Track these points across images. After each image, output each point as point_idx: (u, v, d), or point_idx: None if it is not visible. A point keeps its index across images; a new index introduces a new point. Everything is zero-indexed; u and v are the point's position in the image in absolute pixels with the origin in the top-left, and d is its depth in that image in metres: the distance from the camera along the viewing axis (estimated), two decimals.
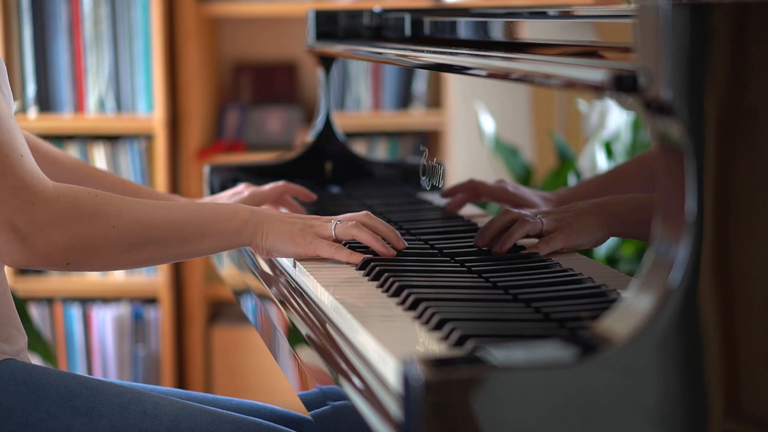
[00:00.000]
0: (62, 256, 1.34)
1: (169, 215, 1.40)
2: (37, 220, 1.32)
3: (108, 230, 1.35)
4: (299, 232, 1.46)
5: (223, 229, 1.43)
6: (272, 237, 1.45)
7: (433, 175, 1.69)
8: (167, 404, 1.42)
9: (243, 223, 1.44)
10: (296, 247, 1.46)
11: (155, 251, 1.40)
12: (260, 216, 1.45)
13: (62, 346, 3.40)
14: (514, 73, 1.37)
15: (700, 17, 0.97)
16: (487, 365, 0.95)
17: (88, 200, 1.36)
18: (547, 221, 1.44)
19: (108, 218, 1.36)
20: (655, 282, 0.98)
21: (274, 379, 3.41)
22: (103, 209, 1.36)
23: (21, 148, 1.34)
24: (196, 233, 1.42)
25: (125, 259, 1.38)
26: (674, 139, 0.99)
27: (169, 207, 1.42)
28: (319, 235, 1.47)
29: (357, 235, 1.47)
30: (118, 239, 1.36)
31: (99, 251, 1.36)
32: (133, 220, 1.37)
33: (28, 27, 3.35)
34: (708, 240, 0.98)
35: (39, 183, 1.33)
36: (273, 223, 1.46)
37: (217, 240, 1.44)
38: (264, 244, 1.45)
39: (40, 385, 1.39)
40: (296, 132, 3.50)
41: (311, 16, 2.13)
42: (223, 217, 1.44)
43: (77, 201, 1.35)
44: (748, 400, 1.01)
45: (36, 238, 1.32)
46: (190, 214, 1.42)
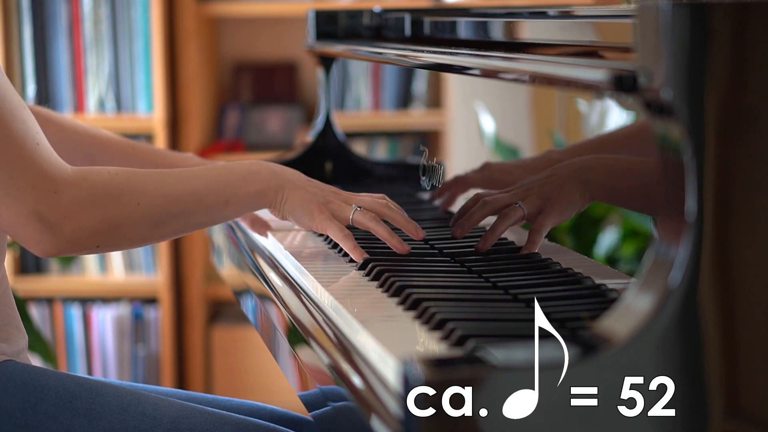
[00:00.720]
0: (91, 239, 1.34)
1: (191, 186, 1.40)
2: (62, 208, 1.31)
3: (133, 208, 1.35)
4: (317, 206, 1.46)
5: (245, 193, 1.43)
6: (290, 202, 1.45)
7: (433, 175, 1.69)
8: (166, 405, 1.42)
9: (265, 185, 1.44)
10: (310, 220, 1.46)
11: (181, 223, 1.40)
12: (281, 178, 1.46)
13: (62, 346, 3.40)
14: (514, 73, 1.37)
15: (700, 17, 0.97)
16: (487, 365, 0.95)
17: (109, 180, 1.35)
18: (527, 205, 1.43)
19: (131, 196, 1.35)
20: (655, 282, 0.98)
21: (274, 379, 3.41)
22: (126, 187, 1.36)
23: (36, 136, 1.33)
24: (219, 200, 1.42)
25: (153, 234, 1.39)
26: (674, 139, 0.99)
27: (189, 176, 1.42)
28: (336, 216, 1.47)
29: (374, 229, 1.47)
30: (143, 216, 1.36)
31: (126, 230, 1.36)
32: (157, 195, 1.37)
33: (28, 27, 3.35)
34: (708, 240, 0.98)
35: (58, 170, 1.33)
36: (294, 188, 1.46)
37: (241, 204, 1.44)
38: (282, 207, 1.45)
39: (39, 387, 1.38)
40: (296, 132, 3.50)
41: (311, 16, 2.13)
42: (245, 180, 1.43)
43: (99, 183, 1.34)
44: (748, 400, 1.01)
45: (64, 226, 1.32)
46: (211, 181, 1.42)
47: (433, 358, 0.95)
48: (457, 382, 0.93)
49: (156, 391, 1.55)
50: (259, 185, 1.44)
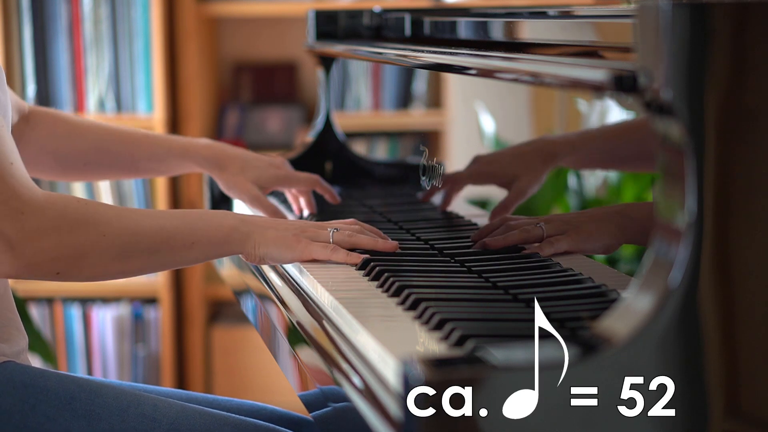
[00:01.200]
0: (51, 265, 1.33)
1: (157, 223, 1.39)
2: (27, 229, 1.31)
3: (97, 238, 1.34)
4: (293, 237, 1.44)
5: (210, 238, 1.41)
6: (264, 245, 1.42)
7: (433, 175, 1.69)
8: (166, 407, 1.42)
9: (231, 231, 1.42)
10: (291, 252, 1.44)
11: (144, 260, 1.38)
12: (249, 224, 1.43)
13: (62, 346, 3.40)
14: (514, 73, 1.37)
15: (700, 17, 0.97)
16: (487, 365, 0.95)
17: (78, 208, 1.35)
18: (548, 227, 1.42)
19: (97, 226, 1.35)
20: (655, 282, 0.98)
21: (274, 379, 3.41)
22: (92, 217, 1.35)
23: (10, 155, 1.33)
24: (185, 242, 1.40)
25: (114, 268, 1.37)
26: (674, 139, 0.99)
27: (158, 215, 1.42)
28: (315, 239, 1.45)
29: (357, 244, 1.46)
30: (107, 247, 1.35)
31: (88, 260, 1.35)
32: (122, 228, 1.36)
33: (28, 27, 3.35)
34: (708, 240, 0.98)
35: (28, 191, 1.32)
36: (265, 231, 1.43)
37: (206, 248, 1.41)
38: (257, 252, 1.43)
39: (38, 389, 1.38)
40: (296, 132, 3.50)
41: (311, 16, 2.13)
42: (211, 224, 1.41)
43: (67, 209, 1.34)
44: (748, 400, 1.01)
45: (25, 247, 1.31)
46: (177, 222, 1.40)
47: (433, 358, 0.95)
48: (457, 382, 0.93)
49: (156, 392, 1.55)
50: (226, 230, 1.41)
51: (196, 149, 1.79)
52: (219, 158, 1.78)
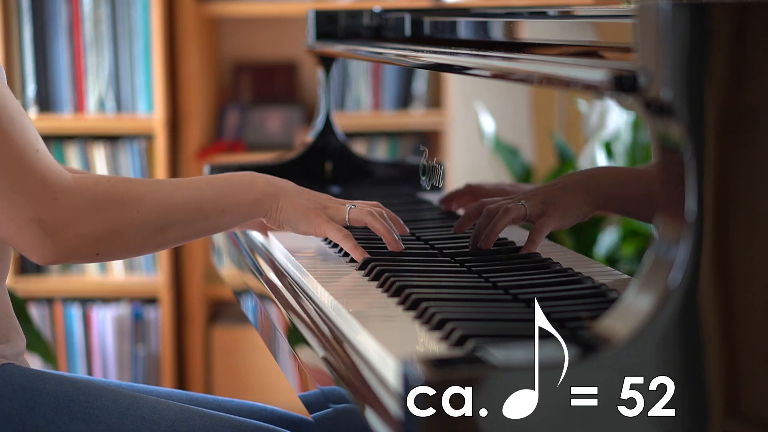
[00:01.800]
0: (92, 246, 1.35)
1: (189, 194, 1.42)
2: (63, 214, 1.32)
3: (133, 215, 1.36)
4: (313, 210, 1.47)
5: (241, 202, 1.44)
6: (286, 210, 1.46)
7: (433, 175, 1.69)
8: (165, 408, 1.41)
9: (261, 194, 1.45)
10: (308, 225, 1.47)
11: (179, 231, 1.41)
12: (276, 187, 1.47)
13: (62, 346, 3.40)
14: (514, 73, 1.37)
15: (700, 17, 0.97)
16: (487, 365, 0.95)
17: (110, 188, 1.36)
18: (530, 204, 1.43)
19: (131, 203, 1.36)
20: (655, 282, 0.98)
21: (274, 379, 3.41)
22: (126, 195, 1.37)
23: (36, 143, 1.33)
24: (216, 209, 1.43)
25: (152, 241, 1.39)
26: (674, 139, 0.99)
27: (187, 185, 1.43)
28: (333, 218, 1.48)
29: (371, 223, 1.48)
30: (143, 224, 1.37)
31: (126, 237, 1.37)
32: (156, 202, 1.38)
33: (28, 27, 3.35)
34: (708, 240, 0.98)
35: (58, 177, 1.33)
36: (289, 196, 1.47)
37: (237, 213, 1.45)
38: (278, 216, 1.46)
39: (37, 391, 1.38)
40: (296, 132, 3.50)
41: (311, 16, 2.13)
42: (240, 189, 1.45)
43: (99, 190, 1.35)
44: (748, 400, 1.01)
45: (65, 233, 1.32)
46: (207, 190, 1.43)
47: (433, 358, 0.95)
48: (457, 382, 0.93)
49: (155, 393, 1.55)
50: (255, 194, 1.45)
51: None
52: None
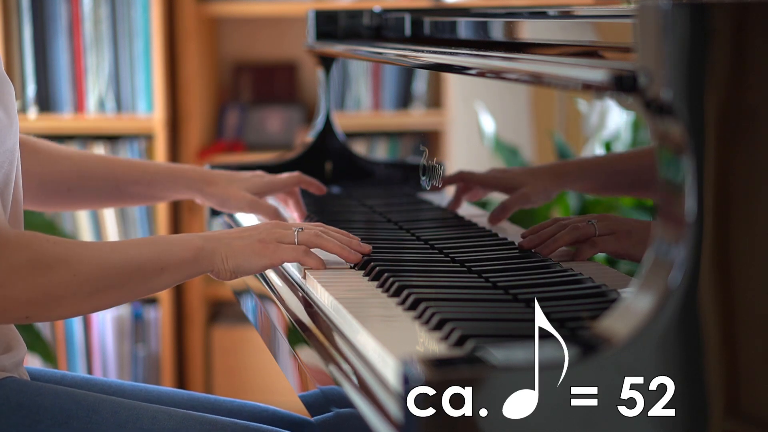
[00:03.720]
0: (23, 309, 1.29)
1: (126, 255, 1.36)
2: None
3: (69, 278, 1.30)
4: (259, 243, 1.41)
5: (179, 260, 1.38)
6: (233, 257, 1.40)
7: (433, 175, 1.69)
8: (165, 418, 1.40)
9: (198, 251, 1.38)
10: (262, 259, 1.41)
11: (116, 294, 1.35)
12: (214, 240, 1.40)
13: (62, 346, 3.40)
14: (514, 73, 1.37)
15: (700, 17, 0.97)
16: (487, 365, 0.95)
17: (48, 249, 1.30)
18: (600, 226, 1.38)
19: (69, 266, 1.30)
20: (655, 282, 0.98)
21: (274, 379, 3.41)
22: (64, 257, 1.30)
23: None
24: (155, 268, 1.36)
25: (86, 305, 1.34)
26: (674, 139, 0.99)
27: (125, 246, 1.38)
28: (282, 242, 1.43)
29: (321, 244, 1.44)
30: (79, 286, 1.31)
31: (60, 301, 1.30)
32: (93, 265, 1.32)
33: (28, 27, 3.35)
34: (708, 240, 0.98)
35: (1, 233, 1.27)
36: (230, 242, 1.41)
37: (175, 272, 1.38)
38: (226, 267, 1.40)
39: (35, 408, 1.36)
40: (296, 132, 3.50)
41: (311, 16, 2.13)
42: (177, 248, 1.38)
43: (38, 251, 1.29)
44: (748, 400, 1.01)
45: None
46: (145, 250, 1.37)
47: (433, 358, 0.95)
48: (457, 382, 0.93)
49: (158, 393, 1.55)
50: (193, 251, 1.38)
51: (182, 171, 1.81)
52: (206, 176, 1.81)
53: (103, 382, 1.57)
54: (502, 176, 1.62)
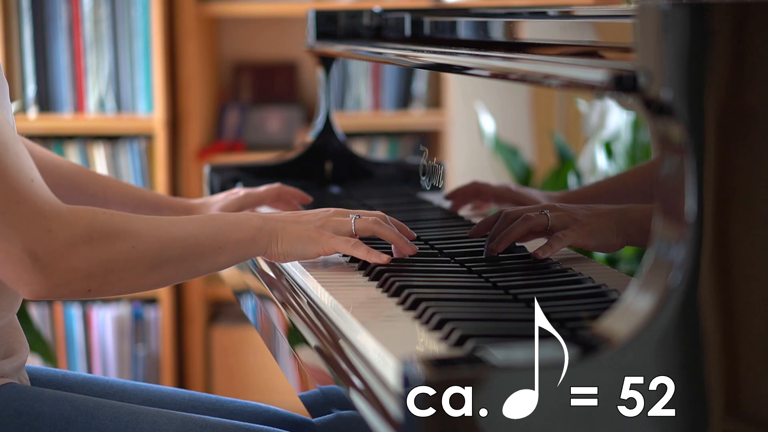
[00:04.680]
0: (84, 282, 1.28)
1: (185, 230, 1.36)
2: (57, 247, 1.25)
3: (128, 251, 1.30)
4: (315, 230, 1.42)
5: (239, 239, 1.39)
6: (287, 242, 1.41)
7: (433, 175, 1.69)
8: (165, 422, 1.40)
9: (256, 231, 1.40)
10: (315, 246, 1.42)
11: (175, 269, 1.35)
12: (272, 222, 1.41)
13: (62, 346, 3.40)
14: (514, 73, 1.37)
15: (700, 17, 0.97)
16: (487, 365, 0.95)
17: (105, 221, 1.30)
18: (554, 216, 1.39)
19: (127, 238, 1.30)
20: (655, 282, 0.98)
21: (274, 379, 3.41)
22: (122, 229, 1.30)
23: (31, 172, 1.27)
24: (213, 246, 1.37)
25: (146, 280, 1.33)
26: (674, 139, 0.99)
27: (183, 222, 1.38)
28: (337, 231, 1.43)
29: (379, 232, 1.44)
30: (138, 260, 1.31)
31: (120, 274, 1.30)
32: (152, 238, 1.32)
33: (28, 27, 3.35)
34: (708, 240, 0.98)
35: (53, 208, 1.27)
36: (286, 226, 1.42)
37: (233, 251, 1.39)
38: (279, 250, 1.41)
39: (34, 415, 1.36)
40: (296, 132, 3.50)
41: (311, 16, 2.13)
42: (236, 227, 1.39)
43: (95, 223, 1.28)
44: (748, 400, 1.01)
45: (57, 266, 1.25)
46: (204, 227, 1.38)
47: (433, 358, 0.95)
48: (457, 382, 0.93)
49: (160, 393, 1.55)
50: (252, 231, 1.39)
51: (167, 201, 1.82)
52: (185, 206, 1.82)
53: (104, 382, 1.57)
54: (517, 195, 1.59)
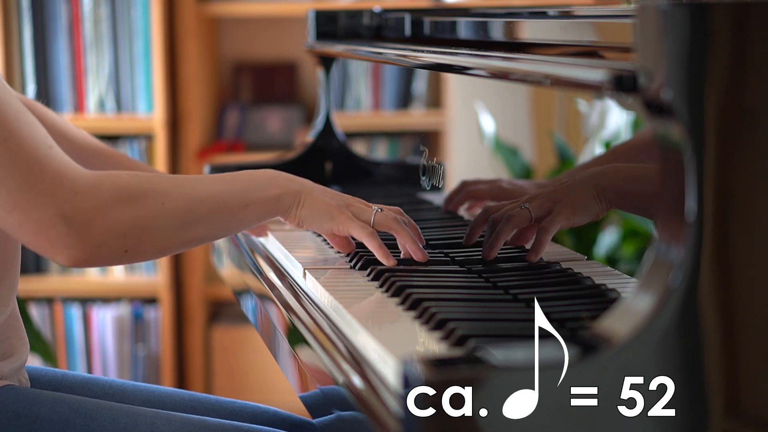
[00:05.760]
0: (119, 241, 1.27)
1: (212, 189, 1.36)
2: (87, 207, 1.25)
3: (158, 208, 1.30)
4: (336, 207, 1.43)
5: (264, 197, 1.39)
6: (308, 207, 1.41)
7: (433, 175, 1.69)
8: (164, 423, 1.39)
9: (283, 190, 1.40)
10: (331, 221, 1.42)
11: (206, 226, 1.35)
12: (298, 183, 1.42)
13: (62, 346, 3.40)
14: (514, 73, 1.37)
15: (700, 17, 0.97)
16: (487, 365, 0.95)
17: (131, 181, 1.30)
18: (534, 206, 1.39)
19: (155, 196, 1.30)
20: (655, 282, 0.98)
21: (274, 379, 3.41)
22: (148, 188, 1.30)
23: (47, 139, 1.27)
24: (240, 203, 1.37)
25: (178, 238, 1.33)
26: (674, 139, 0.99)
27: (209, 180, 1.38)
28: (357, 216, 1.43)
29: (397, 230, 1.44)
30: (169, 217, 1.31)
31: (153, 232, 1.30)
32: (180, 195, 1.33)
33: (28, 27, 3.35)
34: (708, 240, 0.98)
35: (76, 171, 1.27)
36: (312, 193, 1.42)
37: (260, 209, 1.39)
38: (298, 213, 1.41)
39: (32, 417, 1.36)
40: (296, 132, 3.50)
41: (311, 16, 2.13)
42: (262, 184, 1.40)
43: (120, 183, 1.29)
44: (748, 400, 1.01)
45: (91, 227, 1.25)
46: (230, 185, 1.38)
47: (433, 358, 0.95)
48: (457, 382, 0.93)
49: (160, 393, 1.54)
50: (277, 189, 1.40)
51: None
52: None
53: (103, 382, 1.56)
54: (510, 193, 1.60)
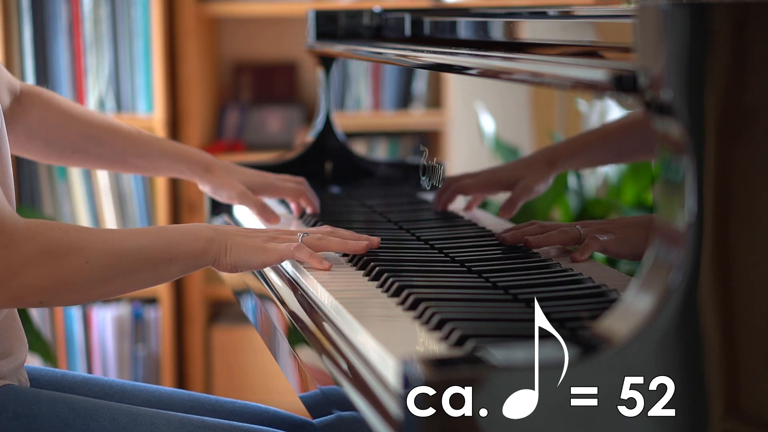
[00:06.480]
0: (36, 296, 1.30)
1: (137, 242, 1.37)
2: (12, 264, 1.27)
3: (81, 266, 1.31)
4: (263, 241, 1.45)
5: (188, 252, 1.40)
6: (236, 252, 1.43)
7: (433, 175, 1.69)
8: (164, 423, 1.40)
9: (207, 243, 1.41)
10: (262, 255, 1.44)
11: (126, 281, 1.36)
12: (223, 233, 1.43)
13: (62, 346, 3.40)
14: (514, 73, 1.37)
15: (700, 17, 0.97)
16: (487, 365, 0.95)
17: (61, 237, 1.31)
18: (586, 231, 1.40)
19: (81, 254, 1.31)
20: (655, 282, 0.98)
21: (274, 379, 3.41)
22: (76, 246, 1.32)
23: None
24: (164, 258, 1.39)
25: (96, 291, 1.35)
26: (674, 139, 0.99)
27: (136, 234, 1.40)
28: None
29: (324, 246, 1.47)
30: (91, 274, 1.32)
31: (72, 287, 1.32)
32: (105, 252, 1.34)
33: (28, 27, 3.35)
34: (708, 240, 0.98)
35: (11, 223, 1.28)
36: (235, 237, 1.43)
37: (184, 263, 1.41)
38: (227, 260, 1.43)
39: (31, 417, 1.36)
40: (296, 132, 3.50)
41: (311, 16, 2.13)
42: (187, 238, 1.41)
43: (50, 240, 1.30)
44: (748, 400, 1.01)
45: (11, 281, 1.27)
46: (156, 239, 1.39)
47: (433, 358, 0.95)
48: (457, 382, 0.93)
49: (159, 393, 1.54)
50: (202, 243, 1.41)
51: (187, 155, 1.85)
52: (208, 163, 1.85)
53: (103, 382, 1.57)
54: (496, 177, 1.62)
